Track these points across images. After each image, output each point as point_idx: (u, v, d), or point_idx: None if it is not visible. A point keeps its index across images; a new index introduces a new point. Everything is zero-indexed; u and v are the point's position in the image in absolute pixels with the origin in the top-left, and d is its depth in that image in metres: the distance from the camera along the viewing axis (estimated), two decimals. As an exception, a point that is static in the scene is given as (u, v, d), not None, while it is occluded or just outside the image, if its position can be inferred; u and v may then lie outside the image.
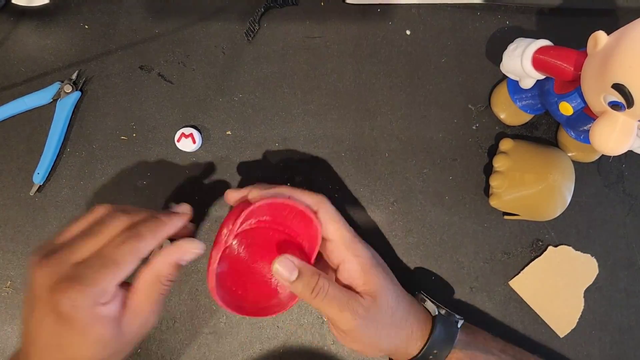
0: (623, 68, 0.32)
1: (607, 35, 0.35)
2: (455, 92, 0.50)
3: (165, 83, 0.49)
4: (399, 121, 0.50)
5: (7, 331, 0.47)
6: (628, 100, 0.33)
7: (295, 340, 0.48)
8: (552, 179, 0.44)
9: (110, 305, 0.33)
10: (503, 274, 0.49)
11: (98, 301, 0.32)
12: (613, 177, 0.50)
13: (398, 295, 0.41)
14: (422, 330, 0.41)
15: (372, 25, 0.50)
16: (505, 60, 0.44)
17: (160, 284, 0.36)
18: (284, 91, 0.50)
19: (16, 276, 0.48)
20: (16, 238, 0.48)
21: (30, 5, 0.49)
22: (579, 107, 0.40)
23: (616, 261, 0.50)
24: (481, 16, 0.51)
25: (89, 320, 0.32)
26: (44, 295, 0.32)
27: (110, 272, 0.32)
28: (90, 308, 0.32)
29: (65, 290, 0.31)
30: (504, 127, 0.50)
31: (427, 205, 0.49)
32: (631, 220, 0.50)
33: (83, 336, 0.32)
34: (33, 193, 0.48)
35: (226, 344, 0.48)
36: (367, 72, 0.50)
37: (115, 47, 0.49)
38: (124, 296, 0.35)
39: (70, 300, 0.31)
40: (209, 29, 0.50)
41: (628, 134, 0.35)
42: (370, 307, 0.38)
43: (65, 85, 0.48)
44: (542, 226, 0.50)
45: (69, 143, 0.49)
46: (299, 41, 0.50)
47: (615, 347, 0.49)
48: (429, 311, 0.43)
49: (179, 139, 0.48)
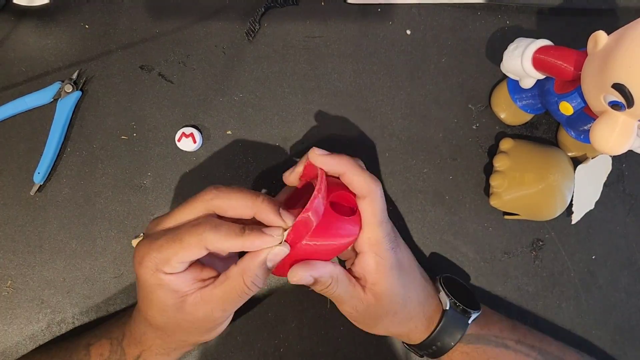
0: (623, 68, 0.32)
1: (607, 35, 0.35)
2: (456, 91, 0.50)
3: (165, 83, 0.49)
4: (399, 121, 0.50)
5: (8, 331, 0.47)
6: (628, 100, 0.33)
7: (295, 341, 0.48)
8: (552, 178, 0.44)
9: (174, 277, 0.34)
10: (503, 274, 0.49)
11: (161, 268, 0.34)
12: (613, 177, 0.50)
13: (408, 298, 0.41)
14: (429, 322, 0.42)
15: (373, 25, 0.50)
16: (505, 60, 0.44)
17: (242, 284, 0.35)
18: (284, 91, 0.50)
19: (17, 275, 0.48)
20: (16, 238, 0.48)
21: (30, 5, 0.49)
22: (579, 106, 0.40)
23: (616, 261, 0.50)
24: (481, 16, 0.51)
25: (151, 280, 0.34)
26: None
27: (172, 247, 0.33)
28: (152, 270, 0.34)
29: (138, 246, 0.35)
30: (504, 126, 0.50)
31: (427, 205, 0.49)
32: (631, 220, 0.50)
33: (145, 292, 0.35)
34: (33, 193, 0.48)
35: (226, 344, 0.48)
36: (367, 72, 0.50)
37: (116, 46, 0.49)
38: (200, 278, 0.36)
39: (139, 255, 0.35)
40: (209, 28, 0.50)
41: (628, 134, 0.35)
42: (370, 305, 0.39)
43: (66, 85, 0.48)
44: (542, 226, 0.50)
45: (69, 143, 0.49)
46: (299, 41, 0.50)
47: (615, 347, 0.49)
48: (442, 303, 0.43)
49: (179, 139, 0.48)
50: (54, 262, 0.48)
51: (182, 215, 0.36)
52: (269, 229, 0.34)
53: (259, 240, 0.34)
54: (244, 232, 0.34)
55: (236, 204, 0.35)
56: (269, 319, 0.48)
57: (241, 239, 0.33)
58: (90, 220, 0.48)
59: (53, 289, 0.48)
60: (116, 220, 0.48)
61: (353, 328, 0.43)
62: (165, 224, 0.36)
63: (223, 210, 0.35)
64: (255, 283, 0.35)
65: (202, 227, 0.33)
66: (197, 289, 0.35)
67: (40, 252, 0.48)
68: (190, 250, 0.33)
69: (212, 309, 0.35)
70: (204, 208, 0.35)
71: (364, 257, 0.39)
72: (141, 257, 0.34)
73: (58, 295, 0.48)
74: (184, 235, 0.33)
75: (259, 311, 0.48)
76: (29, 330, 0.47)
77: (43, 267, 0.48)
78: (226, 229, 0.33)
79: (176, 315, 0.35)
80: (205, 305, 0.35)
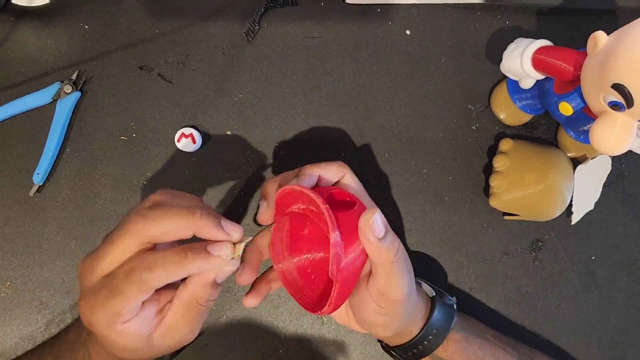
0: (623, 68, 0.32)
1: (607, 36, 0.35)
2: (455, 92, 0.50)
3: (165, 83, 0.49)
4: (398, 121, 0.50)
5: (7, 332, 0.47)
6: (628, 101, 0.33)
7: (295, 341, 0.48)
8: (552, 179, 0.44)
9: (133, 322, 0.31)
10: (503, 274, 0.49)
11: (113, 321, 0.31)
12: (613, 177, 0.50)
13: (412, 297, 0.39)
14: (422, 312, 0.42)
15: (372, 25, 0.50)
16: (505, 60, 0.44)
17: (198, 305, 0.33)
18: (284, 91, 0.50)
19: (15, 276, 0.47)
20: (16, 238, 0.48)
21: (30, 5, 0.49)
22: (578, 107, 0.40)
23: (616, 261, 0.50)
24: (481, 16, 0.51)
25: (109, 335, 0.31)
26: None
27: (115, 301, 0.30)
28: (106, 326, 0.31)
29: (81, 305, 0.32)
30: (503, 127, 0.50)
31: (426, 205, 0.49)
32: (631, 220, 0.50)
33: (108, 343, 0.33)
34: (33, 193, 0.48)
35: (225, 344, 0.48)
36: (366, 72, 0.50)
37: (115, 47, 0.49)
38: (158, 309, 0.33)
39: (86, 316, 0.31)
40: (208, 29, 0.50)
41: (628, 134, 0.35)
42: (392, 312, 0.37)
43: (65, 85, 0.48)
44: (542, 226, 0.50)
45: (68, 143, 0.48)
46: (299, 41, 0.50)
47: (615, 348, 0.49)
48: (427, 293, 0.44)
49: (179, 139, 0.48)
50: (53, 262, 0.48)
51: (113, 256, 0.31)
52: (215, 247, 0.31)
53: (206, 263, 0.31)
54: (186, 257, 0.30)
55: (169, 228, 0.31)
56: (268, 319, 0.48)
57: (184, 268, 0.30)
58: (90, 220, 0.48)
59: (52, 290, 0.48)
60: (116, 220, 0.48)
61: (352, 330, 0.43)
62: (99, 269, 0.31)
63: (157, 239, 0.31)
64: (210, 299, 0.33)
65: (137, 273, 0.30)
66: (159, 321, 0.33)
67: (40, 253, 0.48)
68: (135, 299, 0.30)
69: (180, 334, 0.34)
70: (136, 243, 0.31)
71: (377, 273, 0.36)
72: (89, 317, 0.31)
73: (57, 296, 0.48)
74: (122, 287, 0.30)
75: (259, 312, 0.48)
76: (28, 331, 0.47)
77: (42, 268, 0.48)
78: (163, 264, 0.30)
79: (149, 351, 0.33)
80: (173, 334, 0.33)
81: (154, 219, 0.31)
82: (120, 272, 0.31)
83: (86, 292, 0.32)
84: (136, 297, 0.30)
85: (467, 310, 0.48)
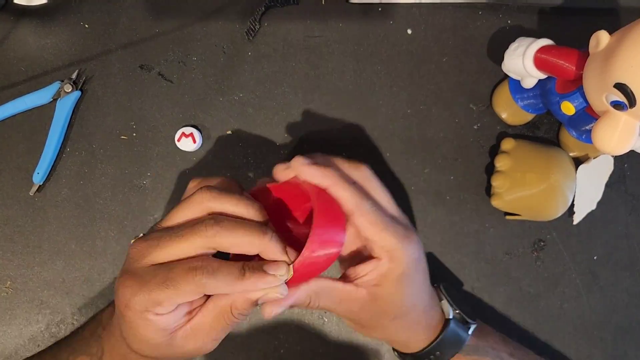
0: (625, 67, 0.32)
1: (609, 35, 0.35)
2: (457, 91, 0.50)
3: (165, 82, 0.49)
4: (399, 121, 0.50)
5: (7, 332, 0.47)
6: (630, 100, 0.33)
7: (295, 341, 0.48)
8: (554, 178, 0.44)
9: (164, 317, 0.32)
10: (504, 274, 0.49)
11: (151, 310, 0.31)
12: (615, 177, 0.49)
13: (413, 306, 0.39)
14: (430, 331, 0.41)
15: (373, 24, 0.50)
16: (506, 59, 0.44)
17: (230, 316, 0.33)
18: (284, 90, 0.49)
19: (16, 276, 0.47)
20: (16, 238, 0.48)
21: (30, 5, 0.49)
22: (580, 106, 0.40)
23: (618, 261, 0.50)
24: (483, 15, 0.50)
25: (138, 321, 0.32)
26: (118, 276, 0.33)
27: (165, 292, 0.30)
28: (140, 312, 0.31)
29: (123, 285, 0.32)
30: (505, 126, 0.50)
31: (428, 205, 0.49)
32: (633, 220, 0.50)
33: (131, 330, 0.33)
34: (33, 193, 0.47)
35: (226, 344, 0.48)
36: (368, 72, 0.50)
37: (115, 46, 0.49)
38: (190, 311, 0.34)
39: (125, 296, 0.31)
40: (209, 28, 0.49)
41: (630, 134, 0.34)
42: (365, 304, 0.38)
43: (65, 84, 0.48)
44: (543, 226, 0.49)
45: (69, 143, 0.48)
46: (299, 40, 0.50)
47: (617, 348, 0.49)
48: (444, 311, 0.42)
49: (179, 139, 0.47)
50: (54, 262, 0.48)
51: (176, 250, 0.32)
52: (272, 266, 0.32)
53: (261, 282, 0.31)
54: (244, 274, 0.31)
55: (241, 241, 0.32)
56: (268, 320, 0.48)
57: (241, 283, 0.31)
58: (90, 220, 0.48)
59: (52, 290, 0.47)
60: (116, 220, 0.48)
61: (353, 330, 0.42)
62: (154, 256, 0.32)
63: (225, 249, 0.32)
64: (243, 315, 0.33)
65: (200, 274, 0.30)
66: (186, 321, 0.33)
67: (40, 253, 0.48)
68: (185, 297, 0.31)
69: (203, 340, 0.34)
70: (204, 246, 0.32)
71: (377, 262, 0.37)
72: (128, 298, 0.31)
73: (57, 296, 0.47)
74: (179, 282, 0.30)
75: (259, 312, 0.48)
76: (28, 331, 0.47)
77: (42, 267, 0.48)
78: (225, 274, 0.31)
79: (166, 350, 0.34)
80: (196, 337, 0.33)
81: (228, 229, 0.31)
82: (181, 267, 0.31)
83: (132, 274, 0.32)
84: (187, 296, 0.31)
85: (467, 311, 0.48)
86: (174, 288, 0.30)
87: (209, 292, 0.31)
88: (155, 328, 0.32)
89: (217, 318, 0.33)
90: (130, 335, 0.33)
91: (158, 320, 0.32)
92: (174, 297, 0.31)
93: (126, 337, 0.34)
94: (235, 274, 0.31)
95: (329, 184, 0.35)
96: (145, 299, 0.31)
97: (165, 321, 0.32)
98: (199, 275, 0.30)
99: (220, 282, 0.31)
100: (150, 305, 0.31)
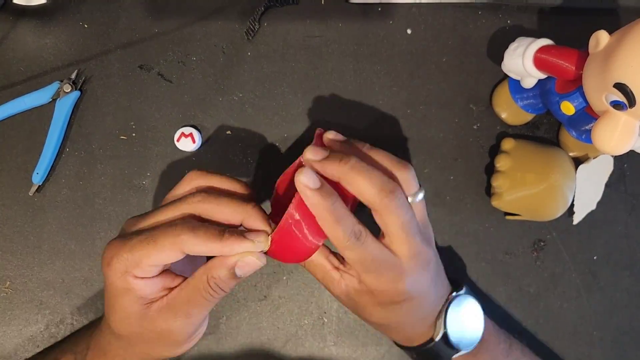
0: (625, 67, 0.32)
1: (609, 35, 0.35)
2: (456, 91, 0.50)
3: (164, 82, 0.49)
4: (399, 120, 0.49)
5: (6, 332, 0.47)
6: (630, 100, 0.33)
7: (295, 342, 0.48)
8: (554, 178, 0.44)
9: (143, 281, 0.32)
10: (504, 274, 0.49)
11: (130, 270, 0.31)
12: (615, 177, 0.49)
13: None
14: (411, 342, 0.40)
15: (373, 24, 0.50)
16: (506, 59, 0.44)
17: (208, 287, 0.33)
18: (284, 91, 0.49)
19: (15, 276, 0.47)
20: (15, 238, 0.48)
21: (29, 5, 0.49)
22: (580, 106, 0.40)
23: (618, 261, 0.50)
24: (482, 15, 0.50)
25: (118, 283, 0.32)
26: None
27: (145, 248, 0.31)
28: (121, 273, 0.32)
29: (109, 246, 0.33)
30: (505, 126, 0.50)
31: (428, 206, 0.49)
32: (633, 220, 0.50)
33: (111, 296, 0.33)
34: (32, 193, 0.47)
35: (226, 345, 0.48)
36: (367, 72, 0.50)
37: (115, 46, 0.49)
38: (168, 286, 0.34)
39: (109, 256, 0.32)
40: (208, 28, 0.49)
41: (630, 134, 0.34)
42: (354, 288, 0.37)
43: (65, 84, 0.47)
44: (543, 226, 0.49)
45: (68, 143, 0.48)
46: (299, 40, 0.50)
47: (617, 348, 0.49)
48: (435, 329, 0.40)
49: (178, 139, 0.47)
50: (53, 263, 0.48)
51: (162, 216, 0.33)
52: (252, 234, 0.32)
53: (239, 245, 0.31)
54: (223, 235, 0.31)
55: (225, 209, 0.33)
56: (268, 320, 0.48)
57: (220, 243, 0.31)
58: (89, 220, 0.48)
59: (52, 290, 0.47)
60: (115, 220, 0.48)
61: (354, 329, 0.42)
62: (141, 223, 0.34)
63: (209, 215, 0.33)
64: (219, 286, 0.33)
65: (179, 229, 0.31)
66: (163, 297, 0.33)
67: (39, 253, 0.48)
68: (164, 253, 0.31)
69: (175, 315, 0.33)
70: (189, 209, 0.33)
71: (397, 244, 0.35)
72: (110, 257, 0.32)
73: (57, 296, 0.47)
74: (158, 237, 0.31)
75: (259, 312, 0.48)
76: (27, 332, 0.47)
77: (42, 268, 0.47)
78: (204, 232, 0.31)
79: (140, 324, 0.34)
80: (168, 312, 0.33)
81: (214, 197, 0.33)
82: (162, 226, 0.32)
83: (119, 237, 0.33)
84: (165, 251, 0.31)
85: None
86: (154, 243, 0.31)
87: (187, 250, 0.31)
88: (133, 294, 0.32)
89: (193, 290, 0.33)
90: (109, 305, 0.34)
91: (136, 283, 0.32)
92: (152, 254, 0.31)
93: (107, 310, 0.35)
94: (214, 233, 0.31)
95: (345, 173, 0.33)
96: (126, 257, 0.31)
97: (143, 287, 0.32)
98: (179, 229, 0.31)
99: (199, 239, 0.31)
100: (130, 265, 0.31)
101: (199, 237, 0.31)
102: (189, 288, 0.33)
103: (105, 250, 0.33)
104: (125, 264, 0.31)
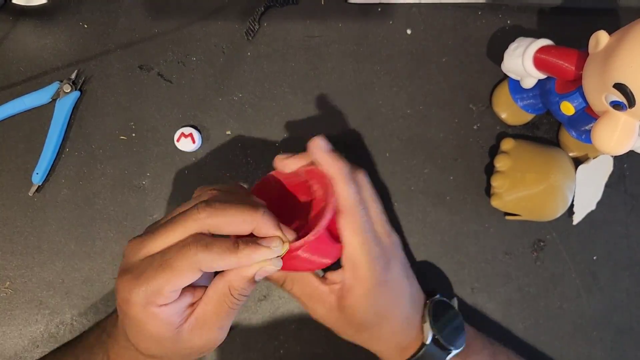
0: (624, 68, 0.32)
1: (609, 35, 0.35)
2: (456, 91, 0.50)
3: (164, 82, 0.49)
4: (399, 121, 0.49)
5: (6, 332, 0.47)
6: (629, 100, 0.33)
7: (295, 341, 0.48)
8: (554, 179, 0.44)
9: (168, 308, 0.31)
10: (504, 274, 0.49)
11: (153, 301, 0.31)
12: (614, 177, 0.49)
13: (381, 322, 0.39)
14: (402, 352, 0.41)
15: (373, 24, 0.50)
16: (506, 59, 0.44)
17: (232, 298, 0.33)
18: (284, 90, 0.49)
19: (15, 277, 0.47)
20: (15, 239, 0.48)
21: (29, 5, 0.49)
22: (580, 106, 0.40)
23: (618, 261, 0.50)
24: (482, 15, 0.50)
25: (142, 316, 0.31)
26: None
27: (163, 276, 0.30)
28: (142, 306, 0.31)
29: (121, 282, 0.31)
30: (505, 126, 0.50)
31: (427, 206, 0.49)
32: (633, 220, 0.50)
33: (137, 328, 0.32)
34: (32, 193, 0.47)
35: (226, 345, 0.47)
36: (367, 72, 0.50)
37: (115, 46, 0.49)
38: (191, 302, 0.33)
39: (124, 293, 0.31)
40: (208, 28, 0.49)
41: (630, 134, 0.34)
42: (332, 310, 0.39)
43: (65, 84, 0.47)
44: (543, 226, 0.49)
45: (68, 143, 0.48)
46: (299, 40, 0.50)
47: (617, 348, 0.49)
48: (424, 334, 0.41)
49: (178, 139, 0.47)
50: (53, 263, 0.48)
51: (170, 238, 0.32)
52: (266, 240, 0.32)
53: (256, 254, 0.31)
54: (237, 247, 0.31)
55: (234, 220, 0.32)
56: (268, 320, 0.48)
57: (236, 256, 0.31)
58: (89, 221, 0.48)
59: (52, 290, 0.47)
60: (115, 221, 0.48)
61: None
62: (147, 248, 0.32)
63: (218, 229, 0.32)
64: (242, 294, 0.33)
65: (194, 249, 0.30)
66: (189, 314, 0.33)
67: (39, 253, 0.48)
68: (183, 276, 0.30)
69: (210, 329, 0.33)
70: (197, 227, 0.31)
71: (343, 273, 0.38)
72: (127, 294, 0.31)
73: (57, 296, 0.47)
74: (174, 261, 0.30)
75: (259, 312, 0.48)
76: (27, 332, 0.47)
77: (42, 268, 0.47)
78: (218, 247, 0.31)
79: (174, 346, 0.33)
80: (202, 328, 0.33)
81: (220, 209, 0.31)
82: (174, 248, 0.31)
83: (128, 269, 0.32)
84: (184, 275, 0.30)
85: (468, 311, 0.48)
86: (170, 269, 0.30)
87: (204, 268, 0.31)
88: (160, 322, 0.32)
89: (218, 303, 0.33)
90: (137, 334, 0.33)
91: (161, 312, 0.31)
92: (171, 280, 0.30)
93: (133, 338, 0.34)
94: (229, 246, 0.31)
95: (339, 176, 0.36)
96: (144, 289, 0.30)
97: (168, 312, 0.32)
98: (193, 249, 0.30)
99: (214, 254, 0.30)
100: (151, 296, 0.30)
101: (215, 252, 0.30)
102: (214, 302, 0.33)
103: (118, 289, 0.32)
104: (144, 296, 0.30)
